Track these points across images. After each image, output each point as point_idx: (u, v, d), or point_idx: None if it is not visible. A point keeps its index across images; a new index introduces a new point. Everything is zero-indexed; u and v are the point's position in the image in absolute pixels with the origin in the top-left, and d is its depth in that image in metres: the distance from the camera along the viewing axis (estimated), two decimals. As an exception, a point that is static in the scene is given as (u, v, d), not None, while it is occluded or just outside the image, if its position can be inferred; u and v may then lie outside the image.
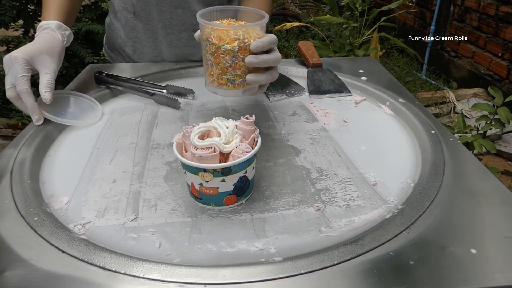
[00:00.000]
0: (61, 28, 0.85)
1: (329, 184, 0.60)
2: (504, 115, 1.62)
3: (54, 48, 0.80)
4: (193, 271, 0.44)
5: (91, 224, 0.52)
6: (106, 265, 0.45)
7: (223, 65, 0.63)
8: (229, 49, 0.62)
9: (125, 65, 1.06)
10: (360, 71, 0.99)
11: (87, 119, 0.77)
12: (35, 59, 0.74)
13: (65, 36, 0.85)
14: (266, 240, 0.50)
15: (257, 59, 0.63)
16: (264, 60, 0.63)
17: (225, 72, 0.64)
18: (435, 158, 0.63)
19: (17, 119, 2.26)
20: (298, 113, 0.81)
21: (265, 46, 0.63)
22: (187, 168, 0.53)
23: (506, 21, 2.60)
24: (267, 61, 0.64)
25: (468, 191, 0.57)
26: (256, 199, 0.57)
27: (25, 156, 0.64)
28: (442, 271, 0.44)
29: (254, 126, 0.55)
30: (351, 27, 2.72)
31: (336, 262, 0.45)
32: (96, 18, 2.65)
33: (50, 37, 0.81)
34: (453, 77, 3.17)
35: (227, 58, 0.63)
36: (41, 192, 0.58)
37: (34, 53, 0.74)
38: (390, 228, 0.50)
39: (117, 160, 0.66)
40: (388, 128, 0.76)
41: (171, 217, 0.54)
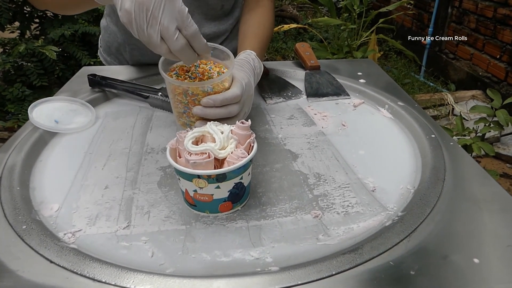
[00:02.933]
0: None
1: (327, 190, 0.58)
2: (503, 118, 1.61)
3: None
4: (186, 282, 0.42)
5: (82, 232, 0.51)
6: (96, 276, 0.43)
7: (179, 110, 0.65)
8: (179, 99, 0.63)
9: (120, 67, 1.04)
10: (358, 74, 0.98)
11: (81, 124, 0.75)
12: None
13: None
14: (262, 249, 0.48)
15: (203, 111, 0.61)
16: (211, 114, 0.61)
17: (181, 116, 0.65)
18: (436, 163, 0.62)
19: (13, 121, 2.25)
20: (296, 117, 0.80)
21: (216, 104, 0.61)
22: (180, 175, 0.51)
23: (504, 23, 2.60)
24: (215, 114, 0.61)
25: (470, 197, 0.56)
26: (252, 205, 0.55)
27: (15, 161, 0.62)
28: (444, 281, 0.43)
29: (250, 130, 0.54)
30: (349, 29, 2.71)
31: (334, 272, 0.44)
32: (93, 19, 2.64)
33: None
34: (451, 79, 3.17)
35: (180, 106, 0.64)
36: (30, 198, 0.56)
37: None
38: (390, 236, 0.48)
39: (110, 165, 0.64)
40: (387, 132, 0.75)
41: (165, 224, 0.52)
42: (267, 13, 0.93)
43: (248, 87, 0.67)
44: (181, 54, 0.57)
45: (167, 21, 0.53)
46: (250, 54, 0.76)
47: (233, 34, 1.05)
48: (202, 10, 0.96)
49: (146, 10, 0.52)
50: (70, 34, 2.40)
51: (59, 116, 0.76)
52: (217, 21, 1.01)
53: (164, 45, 0.55)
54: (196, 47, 0.57)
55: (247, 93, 0.66)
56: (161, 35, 0.54)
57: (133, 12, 0.52)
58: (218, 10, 0.99)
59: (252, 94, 0.70)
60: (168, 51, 0.56)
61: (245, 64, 0.72)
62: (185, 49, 0.56)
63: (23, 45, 2.25)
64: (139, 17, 0.53)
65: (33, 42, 2.35)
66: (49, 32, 2.42)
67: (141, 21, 0.53)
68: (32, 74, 2.32)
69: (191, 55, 0.58)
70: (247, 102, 0.67)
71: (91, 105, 0.80)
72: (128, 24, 0.54)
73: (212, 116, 0.61)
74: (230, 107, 0.62)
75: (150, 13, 0.52)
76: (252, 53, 0.77)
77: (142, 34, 0.54)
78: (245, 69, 0.70)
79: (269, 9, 0.93)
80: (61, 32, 2.39)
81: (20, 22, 2.54)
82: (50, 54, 2.24)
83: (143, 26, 0.53)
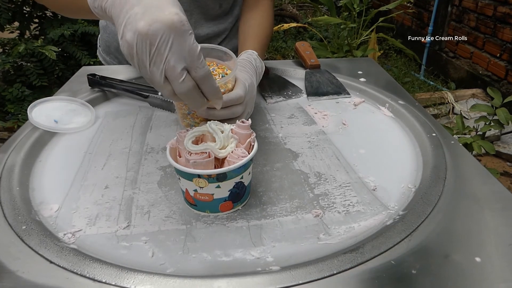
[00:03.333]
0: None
1: (328, 189, 0.58)
2: (503, 116, 1.61)
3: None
4: (186, 282, 0.42)
5: (82, 232, 0.51)
6: (96, 276, 0.43)
7: (183, 111, 0.65)
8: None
9: (119, 67, 1.04)
10: (358, 72, 0.98)
11: (80, 124, 0.75)
12: None
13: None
14: (263, 248, 0.48)
15: (208, 112, 0.61)
16: (215, 115, 0.61)
17: (185, 117, 0.66)
18: (437, 162, 0.62)
19: (13, 122, 2.25)
20: (296, 116, 0.80)
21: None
22: (181, 174, 0.51)
23: (504, 21, 2.59)
24: (219, 116, 0.61)
25: (471, 196, 0.56)
26: (252, 205, 0.55)
27: (15, 162, 0.62)
28: (445, 280, 0.43)
29: (250, 130, 0.54)
30: (349, 27, 2.70)
31: (335, 272, 0.44)
32: (92, 20, 2.63)
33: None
34: (451, 78, 3.17)
35: (184, 108, 0.64)
36: (30, 199, 0.56)
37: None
38: (391, 235, 0.48)
39: (109, 165, 0.64)
40: (388, 130, 0.75)
41: (165, 224, 0.52)
42: (267, 12, 0.92)
43: (251, 88, 0.67)
44: (187, 98, 0.50)
45: (174, 60, 0.47)
46: (252, 54, 0.77)
47: (233, 33, 1.05)
48: (201, 10, 0.96)
49: (150, 44, 0.46)
50: (69, 34, 2.40)
51: (59, 116, 0.75)
52: (216, 20, 1.00)
53: (168, 86, 0.49)
54: (206, 91, 0.51)
55: (250, 94, 0.66)
56: (166, 74, 0.48)
57: (135, 45, 0.46)
58: (217, 10, 0.98)
59: (255, 95, 0.70)
60: (172, 93, 0.50)
61: (247, 65, 0.72)
62: (192, 92, 0.50)
63: (23, 45, 2.24)
64: (141, 51, 0.46)
65: (33, 42, 2.34)
66: (49, 32, 2.42)
67: (144, 57, 0.46)
68: (32, 74, 2.32)
69: (198, 99, 0.51)
70: (250, 103, 0.67)
71: (91, 105, 0.80)
72: (129, 57, 0.48)
73: (217, 117, 0.61)
74: (234, 108, 0.62)
75: (155, 48, 0.46)
76: (254, 53, 0.77)
77: (144, 71, 0.48)
78: (248, 69, 0.70)
79: (269, 7, 0.93)
80: (61, 32, 2.39)
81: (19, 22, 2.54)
82: (49, 54, 2.24)
83: (145, 63, 0.47)
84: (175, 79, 0.48)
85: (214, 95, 0.52)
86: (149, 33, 0.45)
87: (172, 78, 0.48)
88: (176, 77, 0.48)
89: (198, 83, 0.50)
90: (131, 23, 0.46)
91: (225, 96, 0.60)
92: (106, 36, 1.06)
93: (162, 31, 0.45)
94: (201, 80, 0.50)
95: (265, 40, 0.88)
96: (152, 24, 0.45)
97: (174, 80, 0.48)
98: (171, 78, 0.48)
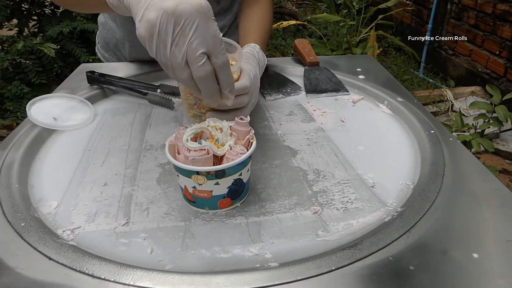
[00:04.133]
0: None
1: (327, 186, 0.58)
2: (502, 114, 1.61)
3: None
4: (185, 279, 0.42)
5: (81, 229, 0.51)
6: (95, 272, 0.43)
7: (189, 102, 0.65)
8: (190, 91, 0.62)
9: (118, 64, 1.04)
10: (357, 70, 0.98)
11: (79, 121, 0.75)
12: None
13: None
14: (262, 245, 0.48)
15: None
16: (222, 105, 0.60)
17: (191, 107, 0.65)
18: (435, 159, 0.62)
19: (11, 119, 2.24)
20: (295, 113, 0.80)
21: None
22: (179, 171, 0.51)
23: (503, 19, 2.59)
24: (225, 105, 0.60)
25: (469, 193, 0.56)
26: (251, 202, 0.55)
27: (14, 159, 0.62)
28: (443, 276, 0.43)
29: (249, 127, 0.54)
30: (348, 25, 2.70)
31: (334, 268, 0.44)
32: (91, 17, 2.63)
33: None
34: (450, 75, 3.17)
35: (191, 97, 0.64)
36: (29, 196, 0.56)
37: None
38: (390, 231, 0.48)
39: (108, 162, 0.64)
40: (386, 127, 0.75)
41: (164, 221, 0.52)
42: (267, 9, 0.94)
43: (256, 78, 0.67)
44: (203, 83, 0.50)
45: (197, 43, 0.46)
46: (255, 47, 0.77)
47: (232, 30, 1.05)
48: None
49: (175, 24, 0.45)
50: (68, 32, 2.40)
51: (58, 113, 0.75)
52: (216, 17, 1.00)
53: (187, 69, 0.48)
54: (222, 80, 0.51)
55: (255, 84, 0.67)
56: (186, 57, 0.47)
57: (158, 24, 0.45)
58: (215, 7, 0.99)
59: (259, 85, 0.70)
60: (189, 76, 0.49)
61: (251, 57, 0.72)
62: (209, 78, 0.49)
63: (21, 42, 2.24)
64: (165, 30, 0.46)
65: (32, 40, 2.34)
66: (47, 29, 2.42)
67: (166, 36, 0.46)
68: (31, 71, 2.31)
69: (214, 87, 0.51)
70: (255, 94, 0.68)
71: (90, 102, 0.80)
72: (148, 38, 0.47)
73: (223, 106, 0.61)
74: (240, 98, 0.62)
75: (180, 28, 0.45)
76: (256, 46, 0.78)
77: (163, 52, 0.47)
78: (251, 61, 0.71)
79: (268, 4, 0.95)
80: (60, 29, 2.39)
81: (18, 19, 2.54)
82: (48, 51, 2.24)
83: (167, 43, 0.46)
84: (195, 62, 0.47)
85: (229, 86, 0.52)
86: (176, 13, 0.45)
87: (192, 61, 0.47)
88: (196, 59, 0.47)
89: (216, 70, 0.50)
90: (155, 4, 0.46)
91: None
92: (105, 32, 1.06)
93: (190, 12, 0.45)
94: (220, 67, 0.49)
95: (266, 35, 0.89)
96: (180, 5, 0.45)
97: (194, 63, 0.47)
98: (191, 60, 0.47)
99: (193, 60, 0.47)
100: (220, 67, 0.50)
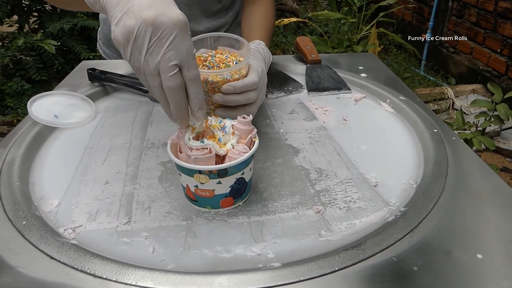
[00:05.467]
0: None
1: (329, 185, 0.58)
2: (503, 112, 1.61)
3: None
4: (187, 278, 0.42)
5: (82, 228, 0.50)
6: (97, 272, 0.43)
7: None
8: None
9: (119, 61, 1.03)
10: (359, 68, 0.97)
11: (80, 119, 0.75)
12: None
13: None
14: (264, 245, 0.48)
15: (223, 98, 0.61)
16: (231, 100, 0.61)
17: None
18: (438, 158, 0.62)
19: (12, 116, 2.24)
20: (297, 111, 0.79)
21: (236, 90, 0.60)
22: (182, 170, 0.51)
23: (505, 16, 2.58)
24: (234, 101, 0.61)
25: (472, 192, 0.55)
26: (253, 201, 0.55)
27: (15, 156, 0.62)
28: (447, 277, 0.43)
29: (251, 125, 0.53)
30: (349, 22, 2.69)
31: (337, 268, 0.43)
32: (92, 13, 2.62)
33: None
34: (451, 73, 3.16)
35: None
36: (30, 194, 0.56)
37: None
38: (393, 231, 0.48)
39: (110, 160, 0.64)
40: (389, 126, 0.74)
41: (166, 220, 0.52)
42: (269, 4, 0.95)
43: (263, 74, 0.68)
44: (172, 94, 0.49)
45: (171, 54, 0.47)
46: (260, 44, 0.78)
47: (233, 26, 1.05)
48: (201, 6, 0.96)
49: (153, 34, 0.46)
50: (69, 28, 2.39)
51: (59, 110, 0.75)
52: (217, 15, 1.00)
53: (158, 78, 0.48)
54: (192, 93, 0.50)
55: (263, 80, 0.67)
56: (159, 66, 0.47)
57: (135, 31, 0.46)
58: (217, 4, 0.98)
59: (266, 81, 0.70)
60: (159, 85, 0.49)
61: (257, 54, 0.73)
62: (179, 90, 0.49)
63: (22, 38, 2.23)
64: (142, 39, 0.46)
65: (32, 36, 2.33)
66: (48, 26, 2.41)
67: (143, 44, 0.46)
68: (31, 68, 2.31)
69: (182, 100, 0.50)
70: (263, 89, 0.68)
71: (91, 99, 0.80)
72: (123, 43, 0.47)
73: (232, 102, 0.61)
74: (249, 93, 0.62)
75: (157, 38, 0.46)
76: (261, 43, 0.78)
77: (138, 58, 0.48)
78: (258, 58, 0.71)
79: (270, 1, 0.96)
80: (60, 26, 2.38)
81: (18, 15, 2.53)
82: (49, 48, 2.23)
83: (142, 50, 0.47)
84: (167, 72, 0.48)
85: (199, 102, 0.51)
86: (155, 23, 0.46)
87: (164, 70, 0.48)
88: (168, 69, 0.47)
89: (187, 83, 0.50)
90: (135, 12, 0.47)
91: (240, 81, 0.61)
92: (106, 29, 1.06)
93: (168, 25, 0.46)
94: (190, 80, 0.49)
95: (270, 32, 0.91)
96: (159, 16, 0.46)
97: (165, 72, 0.48)
98: (163, 70, 0.48)
99: (165, 70, 0.48)
100: (191, 81, 0.50)
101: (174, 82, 0.48)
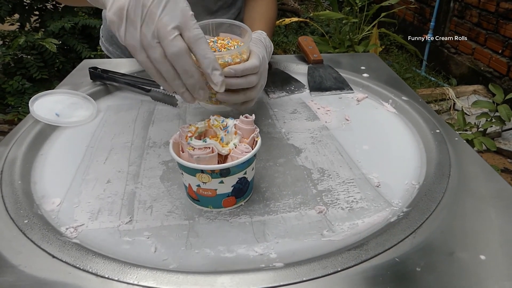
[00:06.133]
0: None
1: (331, 185, 0.58)
2: (504, 113, 1.61)
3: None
4: (190, 278, 0.42)
5: (84, 227, 0.50)
6: (98, 271, 0.43)
7: None
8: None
9: (121, 60, 1.03)
10: (361, 68, 0.97)
11: (82, 118, 0.75)
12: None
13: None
14: (266, 245, 0.48)
15: (225, 81, 0.60)
16: (232, 83, 0.61)
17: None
18: (441, 159, 0.61)
19: (13, 114, 2.24)
20: (299, 111, 0.79)
21: (237, 73, 0.60)
22: (184, 169, 0.51)
23: (507, 17, 2.58)
24: (236, 84, 0.61)
25: (475, 193, 0.55)
26: (255, 201, 0.55)
27: (16, 155, 0.62)
28: (450, 278, 0.43)
29: (253, 125, 0.53)
30: (350, 22, 2.69)
31: (339, 269, 0.43)
32: (93, 12, 2.63)
33: None
34: (452, 74, 3.16)
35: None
36: (32, 193, 0.56)
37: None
38: (396, 232, 0.48)
39: (111, 159, 0.64)
40: (391, 126, 0.74)
41: (168, 219, 0.52)
42: (271, 3, 0.97)
43: (264, 60, 0.68)
44: (178, 60, 0.47)
45: (166, 19, 0.46)
46: (262, 33, 0.78)
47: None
48: (202, 4, 0.96)
49: (143, 6, 0.46)
50: (70, 27, 2.39)
51: (60, 109, 0.75)
52: (219, 13, 1.01)
53: (159, 47, 0.47)
54: (199, 55, 0.48)
55: (264, 65, 0.67)
56: (157, 34, 0.46)
57: (126, 7, 0.46)
58: (218, 1, 0.99)
59: (267, 67, 0.70)
60: (162, 55, 0.47)
61: (258, 42, 0.73)
62: (183, 54, 0.47)
63: (23, 37, 2.24)
64: (134, 12, 0.46)
65: (33, 35, 2.33)
66: (49, 25, 2.41)
67: (136, 17, 0.46)
68: (32, 66, 2.31)
69: (191, 65, 0.48)
70: (264, 75, 0.68)
71: (93, 98, 0.80)
72: (117, 22, 0.47)
73: (233, 85, 0.61)
74: (250, 77, 0.62)
75: (148, 8, 0.46)
76: (263, 33, 0.78)
77: (133, 33, 0.47)
78: (259, 46, 0.71)
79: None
80: (61, 24, 2.38)
81: (19, 14, 2.53)
82: (50, 46, 2.23)
83: (136, 23, 0.46)
84: (167, 37, 0.46)
85: (209, 63, 0.49)
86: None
87: (163, 36, 0.46)
88: (168, 34, 0.46)
89: (190, 45, 0.48)
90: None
91: (241, 65, 0.61)
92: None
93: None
94: (194, 40, 0.47)
95: (272, 25, 0.92)
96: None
97: (165, 38, 0.46)
98: (162, 36, 0.46)
99: (164, 36, 0.46)
100: (194, 41, 0.47)
101: (177, 46, 0.47)
